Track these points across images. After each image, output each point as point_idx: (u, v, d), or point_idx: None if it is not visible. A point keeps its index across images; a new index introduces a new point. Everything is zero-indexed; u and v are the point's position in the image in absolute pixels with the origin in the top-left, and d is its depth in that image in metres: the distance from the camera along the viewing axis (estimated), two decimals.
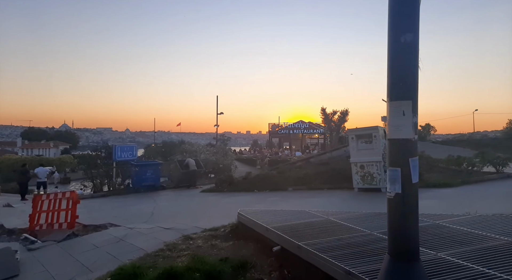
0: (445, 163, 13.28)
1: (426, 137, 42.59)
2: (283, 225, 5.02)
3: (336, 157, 14.59)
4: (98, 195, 15.29)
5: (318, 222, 5.04)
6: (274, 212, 6.08)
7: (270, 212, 6.06)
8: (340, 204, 9.34)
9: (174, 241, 5.95)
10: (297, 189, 12.65)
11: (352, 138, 11.23)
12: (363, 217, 5.22)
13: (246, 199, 11.43)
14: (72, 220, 7.84)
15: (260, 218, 5.63)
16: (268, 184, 13.08)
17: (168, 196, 14.14)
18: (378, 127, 10.83)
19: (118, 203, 12.65)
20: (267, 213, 6.00)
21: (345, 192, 11.27)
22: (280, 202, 10.08)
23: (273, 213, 6.00)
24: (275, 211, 6.19)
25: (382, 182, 10.58)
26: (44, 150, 75.95)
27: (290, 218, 5.46)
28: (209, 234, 6.21)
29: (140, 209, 10.12)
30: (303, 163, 14.87)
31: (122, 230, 7.20)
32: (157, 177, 16.29)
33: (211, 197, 12.61)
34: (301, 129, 34.95)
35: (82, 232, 7.84)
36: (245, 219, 5.88)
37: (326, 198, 10.46)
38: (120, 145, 17.86)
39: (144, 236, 6.49)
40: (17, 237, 7.89)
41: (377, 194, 10.35)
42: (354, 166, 11.13)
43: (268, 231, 4.92)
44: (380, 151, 10.66)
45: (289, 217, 5.59)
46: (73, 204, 7.93)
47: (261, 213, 6.02)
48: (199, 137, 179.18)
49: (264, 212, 6.08)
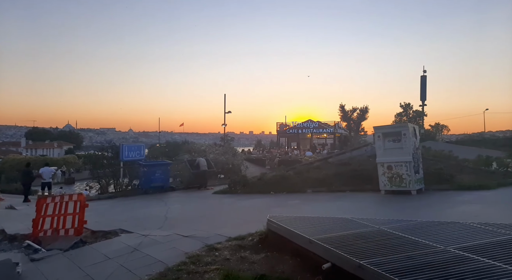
0: (474, 164, 12.46)
1: (435, 137, 41.65)
2: (329, 236, 4.27)
3: (356, 157, 13.83)
4: (105, 196, 14.60)
5: (370, 233, 4.28)
6: (310, 219, 5.32)
7: (306, 220, 5.31)
8: (370, 208, 8.59)
9: (196, 252, 5.22)
10: (317, 191, 11.89)
11: (378, 137, 10.44)
12: (422, 227, 4.45)
13: (263, 201, 10.68)
14: (80, 226, 7.13)
15: (297, 226, 4.88)
16: (284, 185, 12.34)
17: (179, 198, 13.42)
18: (408, 124, 10.06)
19: (127, 205, 11.95)
20: (303, 221, 5.25)
21: (371, 195, 10.49)
22: (303, 206, 9.34)
23: (310, 220, 5.25)
24: (311, 218, 5.44)
25: (412, 184, 9.81)
26: (48, 150, 76.07)
27: (332, 228, 4.71)
28: (235, 244, 5.47)
29: (152, 213, 9.40)
30: (321, 163, 14.11)
31: (136, 237, 6.48)
32: (166, 178, 15.59)
33: (226, 199, 11.87)
34: (310, 128, 34.14)
35: (91, 239, 7.13)
36: (277, 227, 5.14)
37: (351, 201, 9.68)
38: (128, 144, 17.21)
39: (161, 245, 5.76)
40: (19, 244, 7.19)
41: (408, 197, 9.58)
42: (380, 167, 10.35)
43: (312, 243, 4.17)
44: (410, 151, 9.89)
45: (331, 225, 4.84)
46: (81, 208, 7.22)
47: (296, 221, 5.27)
48: (202, 137, 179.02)
49: (299, 219, 5.34)
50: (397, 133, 10.14)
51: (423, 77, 36.87)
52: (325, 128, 34.33)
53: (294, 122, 36.01)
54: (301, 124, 35.04)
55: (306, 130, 34.45)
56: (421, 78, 37.11)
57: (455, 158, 13.00)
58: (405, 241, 3.88)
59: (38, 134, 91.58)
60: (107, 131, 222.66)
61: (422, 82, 36.89)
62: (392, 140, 10.28)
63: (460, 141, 27.79)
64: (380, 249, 3.64)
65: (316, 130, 34.31)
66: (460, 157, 13.08)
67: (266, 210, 8.98)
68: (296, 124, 35.50)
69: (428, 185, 10.48)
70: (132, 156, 16.64)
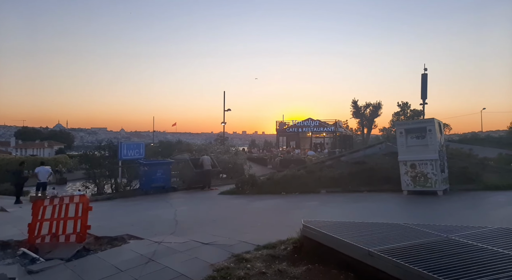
0: (494, 162, 11.90)
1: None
2: (390, 247, 3.56)
3: (371, 155, 13.20)
4: (103, 197, 13.75)
5: (441, 244, 3.58)
6: (355, 225, 4.62)
7: (350, 226, 4.60)
8: (401, 211, 7.93)
9: (223, 263, 4.49)
10: (331, 191, 11.22)
11: (400, 133, 9.79)
12: (499, 235, 3.77)
13: (277, 203, 9.97)
14: (83, 231, 6.34)
15: (343, 234, 4.18)
16: (296, 185, 11.64)
17: (183, 199, 12.64)
18: (434, 119, 9.41)
19: (129, 207, 11.14)
20: (347, 227, 4.54)
21: (392, 195, 9.84)
22: (324, 208, 8.65)
23: (356, 227, 4.55)
24: (356, 224, 4.73)
25: (438, 184, 9.18)
26: (38, 150, 74.91)
27: (388, 236, 4.01)
28: (266, 254, 4.75)
29: (159, 216, 8.63)
30: (333, 162, 13.45)
31: (147, 245, 5.72)
32: (167, 178, 14.80)
33: (235, 200, 11.13)
34: (311, 127, 33.46)
35: (95, 246, 6.35)
36: (317, 234, 4.43)
37: (375, 203, 9.00)
38: (127, 143, 16.36)
39: (180, 255, 5.02)
40: (13, 252, 6.36)
41: (435, 198, 8.94)
42: (403, 165, 9.70)
43: (373, 256, 3.46)
44: (436, 148, 9.25)
45: (385, 233, 4.14)
46: (84, 211, 6.43)
47: (339, 227, 4.57)
48: (195, 137, 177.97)
49: (342, 225, 4.63)
50: (422, 129, 9.50)
51: (424, 75, 36.32)
52: (325, 127, 33.70)
53: (294, 121, 35.33)
54: (301, 122, 34.34)
55: (307, 128, 33.76)
56: (422, 76, 36.49)
57: (475, 156, 12.44)
58: (492, 255, 3.19)
59: (28, 133, 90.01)
60: (99, 131, 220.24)
61: (423, 80, 36.33)
62: (416, 136, 9.65)
63: (463, 140, 27.30)
64: (470, 266, 2.94)
65: (317, 128, 33.65)
66: (479, 156, 12.51)
67: (285, 213, 8.28)
68: (296, 122, 34.80)
69: (452, 184, 9.87)
70: (131, 155, 15.82)
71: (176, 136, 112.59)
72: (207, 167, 14.77)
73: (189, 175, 15.47)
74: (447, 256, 3.20)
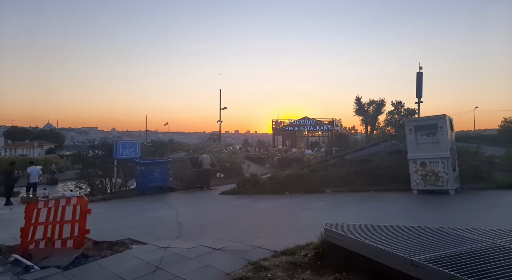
0: (502, 160, 11.65)
1: None
2: (435, 256, 3.15)
3: (375, 153, 12.87)
4: (98, 198, 13.20)
5: (493, 252, 3.19)
6: (385, 229, 4.22)
7: (379, 230, 4.21)
8: (416, 212, 7.58)
9: (240, 272, 4.07)
10: (336, 191, 10.86)
11: (410, 130, 9.46)
12: None
13: (283, 204, 9.57)
14: (81, 236, 5.88)
15: (374, 239, 3.78)
16: (300, 185, 11.26)
17: (183, 199, 12.16)
18: (445, 116, 9.09)
19: (127, 208, 10.64)
20: (375, 231, 4.15)
21: (402, 195, 9.49)
22: (334, 209, 8.26)
23: (385, 231, 4.15)
24: (385, 228, 4.33)
25: (450, 183, 8.86)
26: (28, 150, 73.78)
27: (427, 243, 3.60)
28: (286, 261, 4.34)
29: (160, 217, 8.17)
30: (337, 160, 13.09)
31: (152, 250, 5.28)
32: (165, 177, 14.31)
33: (238, 201, 10.70)
34: (307, 125, 33.11)
35: (94, 251, 5.89)
36: (345, 240, 4.02)
37: (385, 203, 8.64)
38: (122, 141, 15.81)
39: (190, 263, 4.58)
40: (4, 259, 5.87)
41: (447, 197, 8.61)
42: (412, 164, 9.37)
43: (418, 267, 3.05)
44: (447, 145, 8.93)
45: (422, 239, 3.74)
46: (82, 214, 5.96)
47: (366, 231, 4.17)
48: (187, 136, 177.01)
49: (369, 230, 4.24)
50: (432, 126, 9.18)
51: (419, 74, 36.36)
52: (321, 126, 33.38)
53: (290, 119, 34.93)
54: (297, 121, 33.97)
55: (303, 127, 33.41)
56: (417, 74, 36.57)
57: (482, 154, 12.20)
58: None
59: (17, 133, 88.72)
60: (89, 130, 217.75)
61: (418, 79, 36.34)
62: (426, 133, 9.32)
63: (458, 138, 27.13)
64: None
65: (313, 127, 33.32)
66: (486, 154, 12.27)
67: (293, 214, 7.88)
68: (292, 121, 34.43)
69: (462, 183, 9.57)
70: (127, 154, 15.29)
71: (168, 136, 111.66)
72: (206, 166, 14.31)
73: (187, 175, 15.00)
74: (505, 267, 2.82)
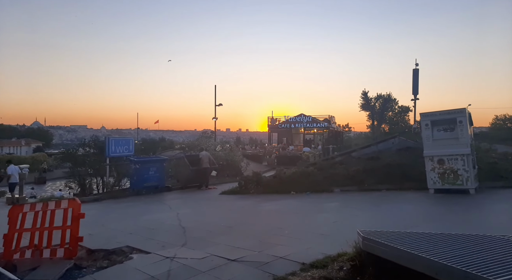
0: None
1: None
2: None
3: (383, 150, 12.32)
4: (90, 199, 12.41)
5: None
6: (435, 238, 3.58)
7: (430, 239, 3.57)
8: (441, 214, 6.99)
9: None
10: (346, 190, 10.27)
11: (426, 125, 8.89)
12: None
13: (292, 204, 8.92)
14: (73, 244, 5.15)
15: (430, 252, 3.15)
16: (306, 184, 10.65)
17: (182, 200, 11.44)
18: (465, 109, 8.54)
19: (122, 210, 9.89)
20: (428, 242, 3.50)
21: (417, 194, 8.93)
22: (350, 210, 7.63)
23: (437, 240, 3.52)
24: (433, 236, 3.69)
25: (471, 182, 8.31)
26: (15, 148, 72.08)
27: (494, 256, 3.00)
28: (319, 276, 3.69)
29: (160, 221, 7.45)
30: (343, 158, 12.52)
31: (157, 261, 4.58)
32: (161, 176, 13.57)
33: (242, 201, 10.02)
34: (303, 123, 32.55)
35: (88, 261, 5.17)
36: (391, 252, 3.36)
37: (403, 204, 8.02)
38: (115, 138, 15.01)
39: (204, 277, 3.89)
40: None
41: (467, 197, 8.07)
42: (429, 161, 8.81)
43: None
44: (467, 141, 8.39)
45: (494, 252, 3.12)
46: (74, 219, 5.23)
47: (414, 240, 3.52)
48: (178, 134, 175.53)
49: (417, 239, 3.59)
50: (451, 121, 8.63)
51: (415, 70, 36.14)
52: (318, 123, 32.83)
53: (286, 117, 34.31)
54: (293, 118, 33.39)
55: (299, 124, 32.84)
56: (413, 71, 36.34)
57: (495, 151, 11.74)
58: None
59: (4, 131, 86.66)
60: (78, 129, 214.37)
61: (414, 76, 36.15)
62: (443, 129, 8.76)
63: None
64: None
65: (310, 124, 32.76)
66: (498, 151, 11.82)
67: (307, 217, 7.24)
68: (289, 118, 33.82)
69: (480, 182, 9.05)
70: (120, 152, 14.49)
71: (158, 134, 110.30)
72: (205, 164, 13.60)
73: (184, 173, 14.26)
74: None
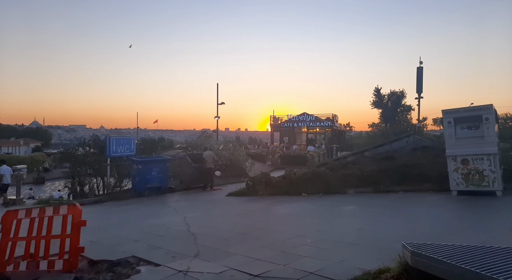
0: None
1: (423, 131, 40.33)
2: None
3: (397, 149, 11.81)
4: (90, 201, 11.86)
5: None
6: (496, 254, 3.07)
7: (500, 254, 3.05)
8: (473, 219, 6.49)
9: None
10: (360, 192, 9.76)
11: (449, 123, 8.37)
12: None
13: (306, 207, 8.39)
14: (73, 256, 4.62)
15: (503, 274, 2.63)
16: (317, 185, 10.13)
17: (187, 202, 10.90)
18: (492, 106, 8.02)
19: (124, 213, 9.34)
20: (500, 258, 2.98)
21: (439, 197, 8.42)
22: (372, 215, 7.09)
23: (497, 255, 3.01)
24: (493, 250, 3.17)
25: (498, 183, 7.80)
26: (14, 148, 71.47)
27: None
28: None
29: (167, 226, 6.90)
30: (356, 158, 11.99)
31: (169, 276, 4.05)
32: (164, 177, 13.03)
33: (251, 204, 9.47)
34: (306, 122, 32.00)
35: (90, 274, 4.66)
36: (450, 270, 2.86)
37: (428, 207, 7.44)
38: (116, 138, 14.47)
39: None
40: None
41: (496, 200, 7.57)
42: (452, 161, 8.30)
43: None
44: (494, 140, 7.88)
45: None
46: (74, 227, 4.70)
47: (474, 256, 3.02)
48: (177, 134, 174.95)
49: (477, 253, 3.09)
50: (475, 118, 8.11)
51: (420, 69, 35.74)
52: (321, 122, 32.29)
53: (289, 115, 33.74)
54: (296, 117, 32.84)
55: (302, 123, 32.30)
56: (417, 69, 35.96)
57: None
58: None
59: (3, 131, 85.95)
60: (77, 128, 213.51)
61: (418, 74, 35.73)
62: (467, 127, 8.25)
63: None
64: None
65: (313, 123, 32.21)
66: None
67: (327, 222, 6.70)
68: (291, 117, 33.28)
69: (505, 183, 8.53)
70: (121, 151, 13.95)
71: (158, 133, 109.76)
72: (210, 164, 13.06)
73: (188, 174, 13.73)
74: None
